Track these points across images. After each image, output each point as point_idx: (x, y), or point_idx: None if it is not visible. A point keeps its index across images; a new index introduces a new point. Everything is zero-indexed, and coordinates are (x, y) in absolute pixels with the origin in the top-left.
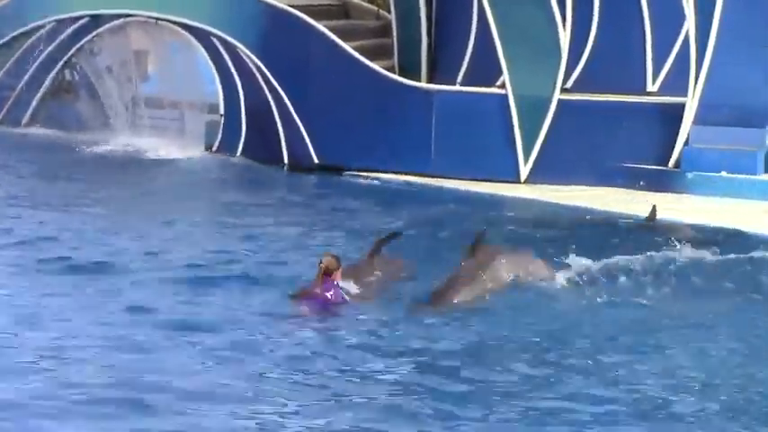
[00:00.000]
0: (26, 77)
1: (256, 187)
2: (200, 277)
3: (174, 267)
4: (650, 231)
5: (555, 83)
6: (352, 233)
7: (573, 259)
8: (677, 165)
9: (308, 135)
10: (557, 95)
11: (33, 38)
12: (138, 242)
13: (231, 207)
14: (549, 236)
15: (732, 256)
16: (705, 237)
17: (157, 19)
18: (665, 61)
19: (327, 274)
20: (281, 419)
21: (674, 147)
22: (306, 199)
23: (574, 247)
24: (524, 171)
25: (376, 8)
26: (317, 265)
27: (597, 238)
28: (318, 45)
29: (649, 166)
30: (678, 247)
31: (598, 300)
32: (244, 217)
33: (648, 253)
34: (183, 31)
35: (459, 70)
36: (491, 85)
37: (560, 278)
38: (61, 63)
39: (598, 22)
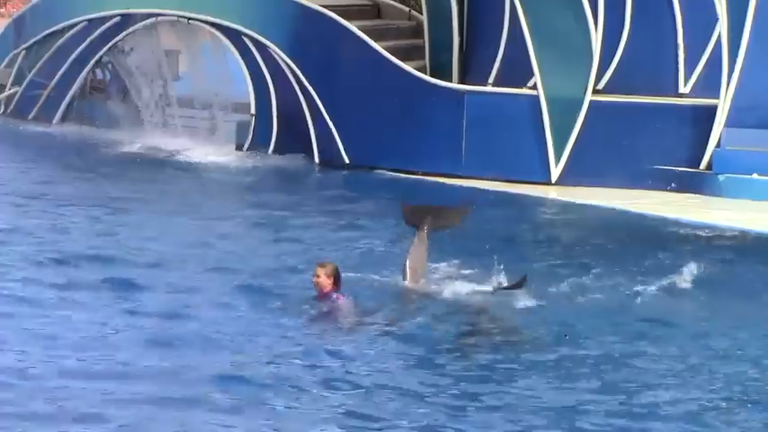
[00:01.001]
0: (58, 76)
1: (287, 187)
2: (233, 280)
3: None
4: None
5: (587, 84)
6: (380, 234)
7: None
8: (709, 167)
9: (339, 135)
10: (588, 97)
11: (65, 37)
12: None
13: (261, 207)
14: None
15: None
16: (736, 239)
17: (189, 18)
18: (697, 63)
19: (323, 290)
20: None
21: (705, 149)
22: (337, 199)
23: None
24: (555, 172)
25: (408, 9)
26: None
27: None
28: (350, 45)
29: (681, 169)
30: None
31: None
32: (274, 218)
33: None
34: (215, 31)
35: (490, 71)
36: (523, 86)
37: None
38: (92, 62)
39: (630, 24)
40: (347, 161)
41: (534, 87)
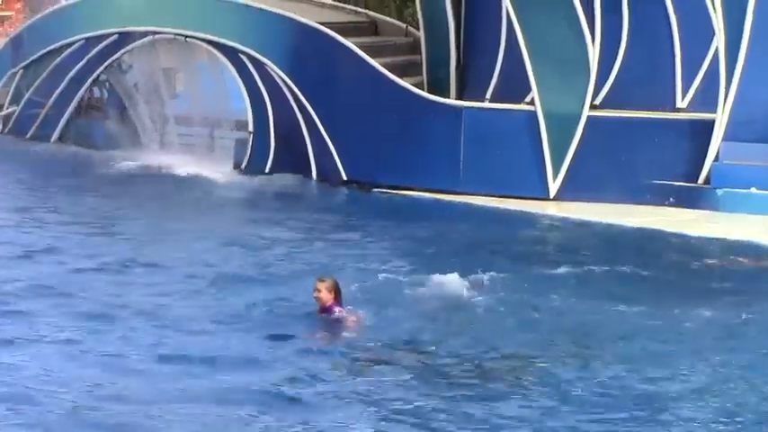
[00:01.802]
0: (55, 95)
1: (285, 204)
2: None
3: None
4: None
5: (584, 99)
6: (381, 250)
7: None
8: (707, 181)
9: (337, 151)
10: (586, 112)
11: (62, 55)
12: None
13: (259, 224)
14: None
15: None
16: (735, 252)
17: (186, 36)
18: (694, 77)
19: (324, 304)
20: None
21: (703, 163)
22: (335, 216)
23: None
24: (553, 188)
25: (405, 25)
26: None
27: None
28: (347, 62)
29: (679, 183)
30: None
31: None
32: (271, 234)
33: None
34: (212, 49)
35: (488, 87)
36: (520, 101)
37: None
38: (90, 81)
39: (627, 39)
40: (345, 178)
41: (532, 103)
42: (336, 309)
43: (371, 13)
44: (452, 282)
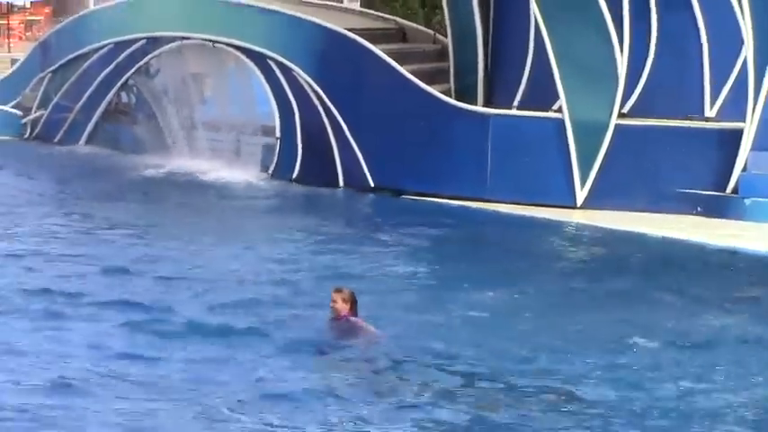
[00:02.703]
0: (83, 99)
1: (312, 209)
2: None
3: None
4: None
5: (612, 107)
6: (408, 256)
7: None
8: (735, 191)
9: (364, 157)
10: (614, 120)
11: (90, 60)
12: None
13: (285, 229)
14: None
15: None
16: (758, 261)
17: (214, 42)
18: (722, 86)
19: (340, 314)
20: None
21: (731, 173)
22: (361, 222)
23: None
24: (581, 196)
25: (433, 32)
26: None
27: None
28: (375, 68)
29: (707, 192)
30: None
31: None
32: (297, 239)
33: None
34: (240, 54)
35: (515, 94)
36: (548, 109)
37: None
38: (118, 85)
39: (656, 47)
40: (372, 184)
41: (559, 110)
42: (352, 319)
43: (399, 19)
44: None
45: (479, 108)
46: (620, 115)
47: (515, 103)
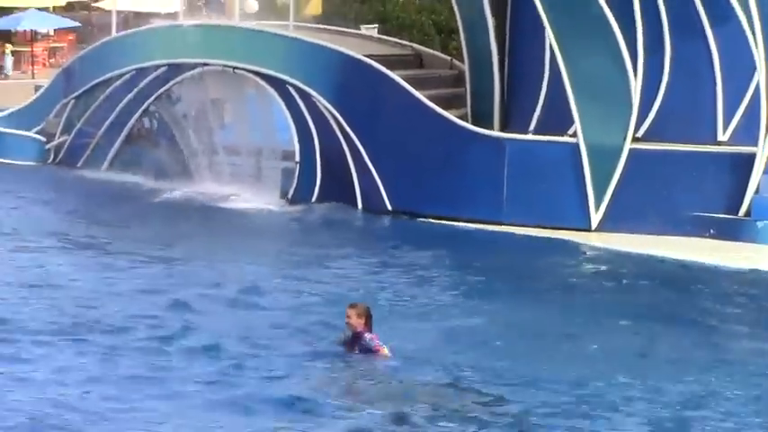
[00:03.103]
0: (106, 125)
1: (331, 233)
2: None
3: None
4: None
5: (626, 132)
6: (423, 280)
7: None
8: (747, 214)
9: (382, 181)
10: (628, 144)
11: (113, 86)
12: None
13: (305, 251)
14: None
15: None
16: None
17: (234, 68)
18: (735, 111)
19: (355, 330)
20: None
21: (744, 196)
22: (379, 244)
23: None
24: (595, 219)
25: (450, 58)
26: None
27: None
28: (392, 94)
29: (720, 215)
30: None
31: None
32: (316, 261)
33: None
34: (260, 80)
35: (531, 119)
36: (563, 133)
37: None
38: (140, 111)
39: (669, 73)
40: (390, 208)
41: (574, 135)
42: (367, 335)
43: (416, 45)
44: None
45: (495, 133)
46: (634, 140)
47: (531, 127)
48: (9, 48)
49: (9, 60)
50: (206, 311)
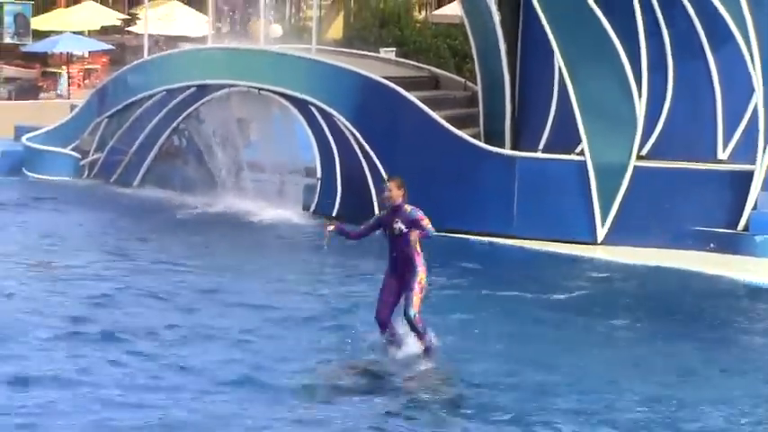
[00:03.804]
0: (138, 142)
1: (350, 245)
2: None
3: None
4: None
5: (631, 150)
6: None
7: None
8: (746, 228)
9: None
10: (633, 162)
11: (144, 106)
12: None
13: (324, 263)
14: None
15: None
16: None
17: (259, 89)
18: (734, 131)
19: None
20: None
21: (743, 211)
22: None
23: None
24: (601, 233)
25: (464, 80)
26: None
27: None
28: (409, 114)
29: (720, 230)
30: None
31: None
32: (334, 271)
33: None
34: (283, 101)
35: (540, 138)
36: (571, 152)
37: None
38: (170, 130)
39: (672, 94)
40: None
41: (582, 153)
42: (407, 206)
43: (432, 68)
44: None
45: (507, 151)
46: (639, 157)
47: (540, 146)
48: (64, 69)
49: (65, 81)
50: (232, 313)
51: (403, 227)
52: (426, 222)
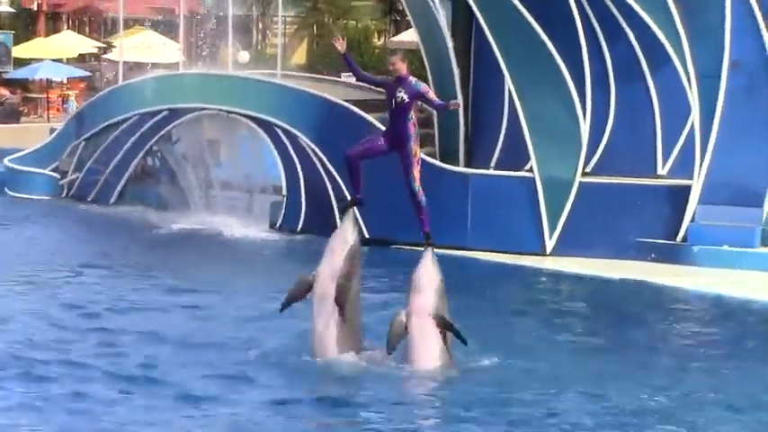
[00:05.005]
0: (113, 163)
1: (314, 258)
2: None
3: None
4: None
5: (576, 167)
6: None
7: None
8: (684, 239)
9: (360, 213)
10: (578, 178)
11: (119, 129)
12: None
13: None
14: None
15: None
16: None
17: (228, 112)
18: (673, 148)
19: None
20: None
21: (681, 223)
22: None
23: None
24: (549, 245)
25: (420, 102)
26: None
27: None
28: (368, 134)
29: (660, 241)
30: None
31: None
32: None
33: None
34: (251, 123)
35: (492, 156)
36: (520, 169)
37: None
38: (144, 151)
39: (614, 114)
40: (368, 236)
41: (531, 170)
42: (412, 78)
43: None
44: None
45: (460, 168)
46: (584, 174)
47: (492, 163)
48: (74, 93)
49: (73, 105)
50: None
51: (405, 96)
52: (432, 94)
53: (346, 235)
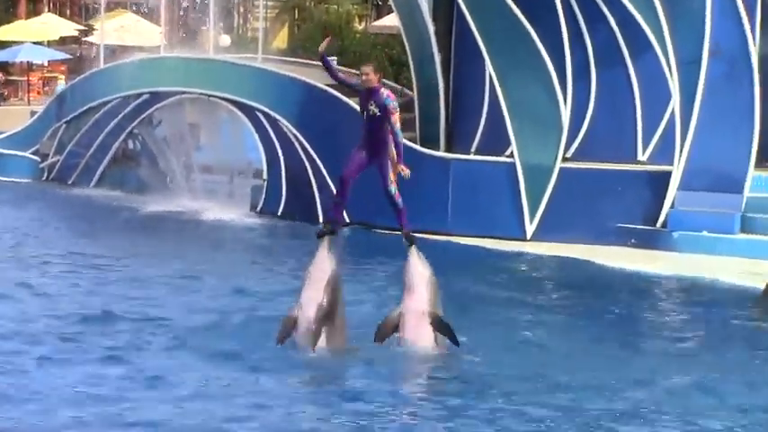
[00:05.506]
0: (94, 146)
1: (295, 242)
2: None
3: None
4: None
5: (557, 153)
6: (378, 283)
7: None
8: (664, 225)
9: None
10: (558, 164)
11: (100, 112)
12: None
13: (271, 258)
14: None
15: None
16: (686, 286)
17: (209, 95)
18: (653, 134)
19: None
20: None
21: (661, 209)
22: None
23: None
24: (530, 229)
25: (400, 87)
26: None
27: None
28: (349, 118)
29: (639, 226)
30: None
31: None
32: (281, 266)
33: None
34: (231, 107)
35: (473, 141)
36: (501, 154)
37: None
38: (125, 134)
39: (595, 100)
40: (348, 220)
41: (511, 155)
42: (384, 90)
43: None
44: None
45: (441, 153)
46: (564, 159)
47: (473, 149)
48: (63, 77)
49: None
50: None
51: (377, 111)
52: (395, 119)
53: (324, 265)
